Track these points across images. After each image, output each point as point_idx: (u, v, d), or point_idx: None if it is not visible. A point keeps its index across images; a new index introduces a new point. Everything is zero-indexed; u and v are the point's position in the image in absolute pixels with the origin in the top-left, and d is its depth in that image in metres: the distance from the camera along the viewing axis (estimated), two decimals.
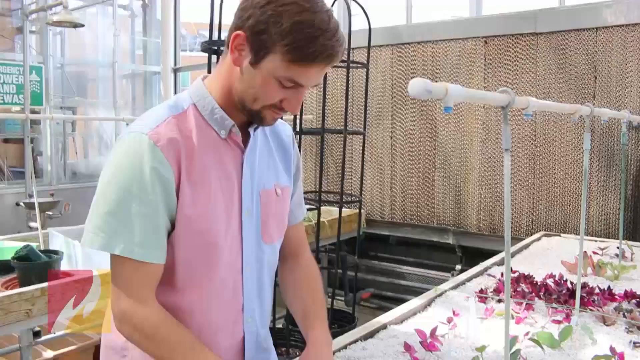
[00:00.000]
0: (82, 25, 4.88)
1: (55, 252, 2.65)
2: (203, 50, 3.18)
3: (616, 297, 1.96)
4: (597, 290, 2.00)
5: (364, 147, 3.78)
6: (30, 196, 4.89)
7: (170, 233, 1.15)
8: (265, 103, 1.14)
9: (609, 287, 2.04)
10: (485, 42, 3.84)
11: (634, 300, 1.94)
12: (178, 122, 1.15)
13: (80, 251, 2.74)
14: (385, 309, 1.84)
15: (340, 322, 3.69)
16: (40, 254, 2.52)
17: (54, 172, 6.14)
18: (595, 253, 2.63)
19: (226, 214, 1.19)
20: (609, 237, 3.32)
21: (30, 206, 4.79)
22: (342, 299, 4.01)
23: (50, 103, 6.01)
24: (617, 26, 3.36)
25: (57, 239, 2.89)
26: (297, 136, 3.50)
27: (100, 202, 1.10)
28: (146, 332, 1.11)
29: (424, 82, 0.84)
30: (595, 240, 3.03)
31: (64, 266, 2.64)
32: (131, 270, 1.11)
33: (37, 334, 2.50)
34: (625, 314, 1.77)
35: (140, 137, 1.10)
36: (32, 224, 4.77)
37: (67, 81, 6.61)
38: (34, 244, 2.66)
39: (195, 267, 1.18)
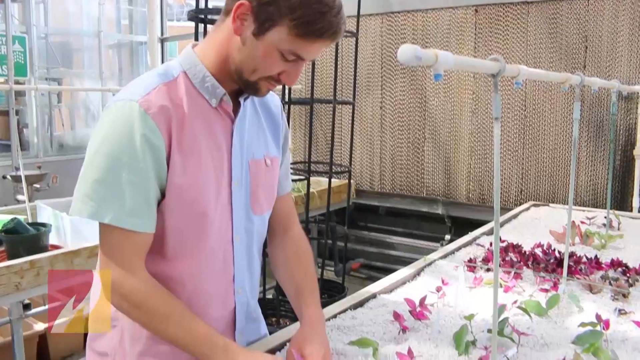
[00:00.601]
0: None
1: (44, 224, 2.64)
2: (190, 19, 3.13)
3: (603, 265, 1.97)
4: (584, 259, 2.02)
5: (353, 117, 3.76)
6: (17, 169, 4.84)
7: (160, 202, 1.14)
8: (264, 74, 1.13)
9: (595, 256, 2.05)
10: (476, 10, 3.80)
11: (619, 269, 1.96)
12: (169, 89, 1.13)
13: (69, 223, 2.72)
14: (375, 279, 1.85)
15: (330, 292, 3.72)
16: (28, 226, 2.51)
17: (41, 145, 6.07)
18: (583, 223, 2.65)
19: (216, 183, 1.19)
20: (596, 207, 3.35)
21: (16, 179, 4.74)
22: (332, 269, 4.03)
23: (35, 74, 5.90)
24: None
25: (45, 212, 2.87)
26: (286, 106, 3.47)
27: (88, 171, 1.09)
28: (135, 302, 1.10)
29: (413, 49, 0.83)
30: (583, 210, 3.05)
31: (52, 239, 2.63)
32: (120, 239, 1.10)
33: (27, 307, 2.49)
34: (611, 282, 1.79)
35: (130, 105, 1.08)
36: (20, 197, 4.73)
37: (52, 51, 6.49)
38: (21, 217, 2.64)
39: (185, 236, 1.17)
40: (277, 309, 3.34)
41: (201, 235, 1.18)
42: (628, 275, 1.89)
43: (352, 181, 3.89)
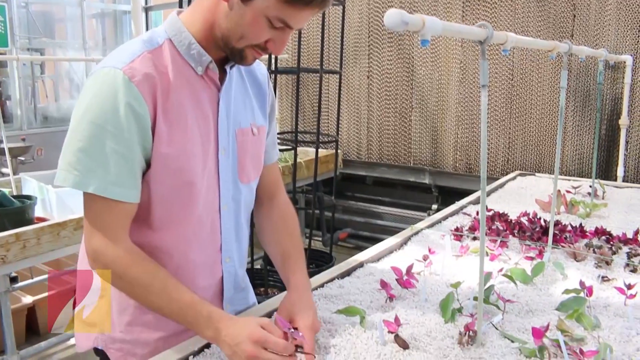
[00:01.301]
0: None
1: (29, 197, 2.62)
2: None
3: (587, 234, 1.99)
4: (569, 228, 2.04)
5: (340, 86, 3.74)
6: (0, 142, 4.79)
7: (145, 172, 1.13)
8: (251, 42, 1.11)
9: (580, 224, 2.07)
10: None
11: (603, 237, 1.98)
12: (153, 57, 1.12)
13: (54, 196, 2.70)
14: (362, 249, 1.86)
15: (317, 262, 3.74)
16: (13, 199, 2.49)
17: (24, 117, 5.99)
18: (568, 192, 2.67)
19: (203, 152, 1.18)
20: (582, 176, 3.37)
21: (0, 152, 4.69)
22: (320, 239, 4.05)
23: (16, 44, 5.79)
24: None
25: (30, 185, 2.84)
26: (273, 75, 3.44)
27: (73, 139, 1.07)
28: (118, 272, 1.10)
29: (400, 14, 0.81)
30: (569, 179, 3.07)
31: (38, 212, 2.62)
32: (104, 209, 1.09)
33: (14, 280, 2.49)
34: (595, 250, 1.81)
35: (115, 72, 1.07)
36: (4, 170, 4.68)
37: (33, 21, 6.35)
38: (6, 190, 2.62)
39: (171, 205, 1.16)
40: (265, 279, 3.36)
41: (188, 205, 1.18)
42: (611, 243, 1.91)
43: (339, 151, 3.89)
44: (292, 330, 1.09)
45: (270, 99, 1.38)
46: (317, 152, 3.54)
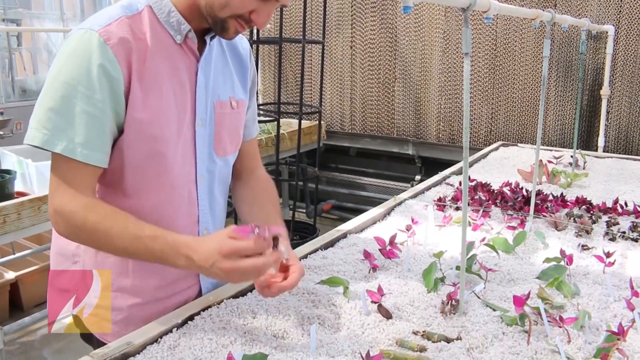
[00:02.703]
0: None
1: (8, 171, 2.58)
2: None
3: (568, 203, 2.02)
4: (550, 198, 2.06)
5: (322, 57, 3.70)
6: None
7: (118, 138, 1.11)
8: (235, 12, 1.09)
9: (561, 194, 2.10)
10: None
11: (584, 207, 2.00)
12: (131, 22, 1.10)
13: (34, 170, 2.67)
14: (346, 220, 1.86)
15: (302, 234, 3.75)
16: None
17: (2, 90, 5.87)
18: (550, 162, 2.69)
19: (177, 121, 1.16)
20: (563, 147, 3.40)
21: None
22: (304, 211, 4.05)
23: None
24: None
25: (10, 159, 2.80)
26: (255, 46, 3.40)
27: (44, 99, 1.06)
28: (77, 223, 1.08)
29: None
30: (551, 150, 3.09)
31: (18, 186, 2.59)
32: (70, 169, 1.07)
33: None
34: (576, 219, 1.83)
35: (90, 34, 1.06)
36: None
37: None
38: None
39: (144, 172, 1.15)
40: None
41: (161, 172, 1.16)
42: (592, 212, 1.94)
43: (322, 122, 3.87)
44: (257, 228, 1.03)
45: (251, 74, 1.37)
46: (300, 123, 3.52)
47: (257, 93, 1.43)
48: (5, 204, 2.28)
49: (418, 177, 4.02)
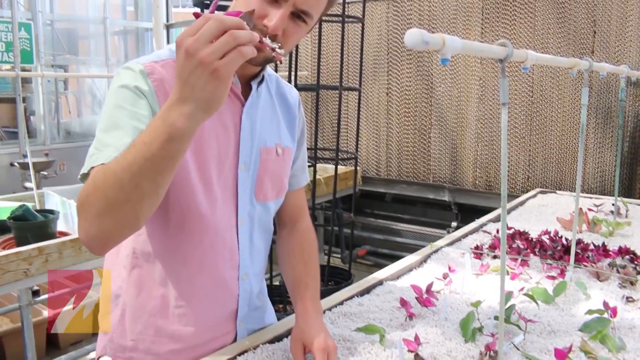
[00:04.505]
0: None
1: (51, 211, 2.65)
2: (195, 5, 3.13)
3: (610, 253, 1.97)
4: (591, 247, 2.01)
5: (359, 103, 3.75)
6: (25, 156, 4.86)
7: None
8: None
9: (603, 243, 2.05)
10: None
11: (627, 256, 1.95)
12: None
13: (76, 210, 2.73)
14: (381, 266, 1.85)
15: (336, 279, 3.73)
16: (36, 213, 2.52)
17: (48, 132, 6.09)
18: (590, 210, 2.63)
19: (218, 162, 1.18)
20: (604, 194, 3.33)
21: (24, 166, 4.76)
22: (339, 256, 4.04)
23: (41, 61, 5.91)
24: None
25: (53, 199, 2.88)
26: None
27: (97, 130, 1.06)
28: (86, 188, 0.95)
29: (420, 33, 0.82)
30: (591, 197, 3.04)
31: (60, 226, 2.64)
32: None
33: (35, 293, 2.51)
34: (619, 269, 1.78)
35: (136, 65, 1.10)
36: (27, 184, 4.76)
37: (58, 38, 6.48)
38: (29, 204, 2.65)
39: (186, 212, 1.16)
40: (284, 295, 3.36)
41: (202, 214, 1.17)
42: (636, 262, 1.88)
43: (358, 168, 3.89)
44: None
45: (300, 124, 1.38)
46: (336, 168, 3.54)
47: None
48: (48, 243, 2.34)
49: (454, 224, 3.98)
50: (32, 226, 2.44)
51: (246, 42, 0.80)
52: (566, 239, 2.07)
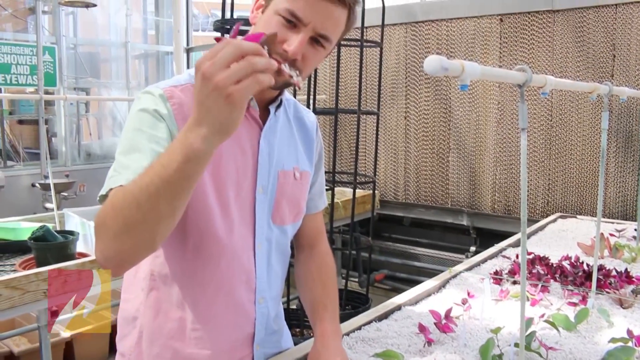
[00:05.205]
0: (94, 5, 4.88)
1: (71, 232, 2.67)
2: (216, 30, 3.17)
3: (633, 279, 1.93)
4: (614, 273, 1.98)
5: (377, 127, 3.75)
6: (46, 177, 4.93)
7: None
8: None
9: (626, 269, 2.01)
10: (501, 20, 3.77)
11: None
12: None
13: None
14: (399, 291, 1.84)
15: (354, 304, 3.70)
16: (56, 234, 2.54)
17: (69, 153, 6.18)
18: (612, 235, 2.60)
19: (236, 186, 1.19)
20: (626, 219, 3.29)
21: (45, 187, 4.83)
22: (356, 280, 4.02)
23: (64, 84, 6.02)
24: (638, 2, 3.28)
25: (73, 220, 2.91)
26: None
27: (117, 152, 1.08)
28: (104, 209, 0.95)
29: (439, 60, 0.82)
30: (612, 222, 3.00)
31: (79, 247, 2.66)
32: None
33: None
34: None
35: (156, 89, 1.12)
36: (48, 205, 4.81)
37: (80, 62, 6.61)
38: (50, 225, 2.68)
39: (203, 233, 1.16)
40: (301, 319, 3.34)
41: (220, 236, 1.17)
42: None
43: (376, 192, 3.88)
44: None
45: (318, 148, 1.39)
46: (354, 192, 3.54)
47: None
48: (67, 264, 2.36)
49: (473, 249, 3.94)
50: (52, 247, 2.46)
51: (263, 69, 0.80)
52: (587, 265, 2.04)
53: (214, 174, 1.15)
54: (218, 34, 3.17)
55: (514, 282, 1.94)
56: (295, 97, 1.26)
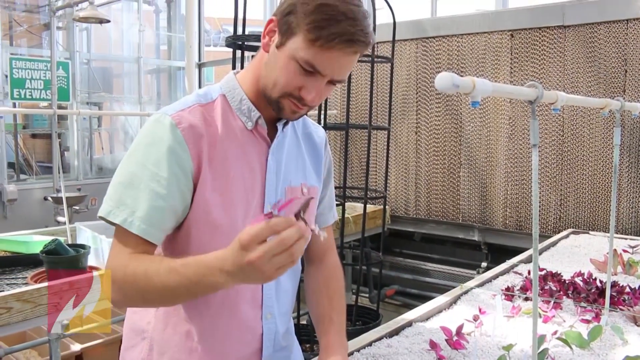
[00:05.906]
0: (108, 21, 4.94)
1: (83, 246, 2.68)
2: (227, 45, 3.19)
3: None
4: (627, 290, 1.96)
5: (388, 142, 3.76)
6: (58, 191, 4.97)
7: (185, 218, 1.15)
8: (284, 90, 1.12)
9: (639, 286, 1.99)
10: (512, 35, 3.78)
11: None
12: (204, 110, 1.17)
13: (107, 246, 2.76)
14: (410, 306, 1.83)
15: (364, 319, 3.68)
16: (68, 248, 2.56)
17: (81, 167, 6.23)
18: (625, 251, 2.58)
19: (245, 204, 1.19)
20: (639, 235, 3.26)
21: (57, 201, 4.86)
22: (367, 295, 4.00)
23: (77, 98, 6.09)
24: None
25: (84, 234, 2.92)
26: None
27: (117, 174, 1.13)
28: (119, 276, 1.07)
29: (451, 76, 0.83)
30: (625, 238, 2.97)
31: (91, 261, 2.67)
32: (128, 241, 1.10)
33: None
34: None
35: (164, 117, 1.13)
36: (60, 219, 4.85)
37: (93, 77, 6.68)
38: (61, 238, 2.69)
39: (207, 251, 1.16)
40: (311, 335, 3.32)
41: None
42: None
43: (387, 207, 3.87)
44: (270, 208, 0.98)
45: (326, 163, 1.39)
46: (365, 207, 3.53)
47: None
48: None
49: (484, 264, 3.92)
50: (64, 260, 2.47)
51: (300, 250, 0.93)
52: (600, 281, 2.02)
53: (222, 193, 1.16)
54: (229, 50, 3.19)
55: (526, 299, 1.92)
56: (306, 113, 1.26)
